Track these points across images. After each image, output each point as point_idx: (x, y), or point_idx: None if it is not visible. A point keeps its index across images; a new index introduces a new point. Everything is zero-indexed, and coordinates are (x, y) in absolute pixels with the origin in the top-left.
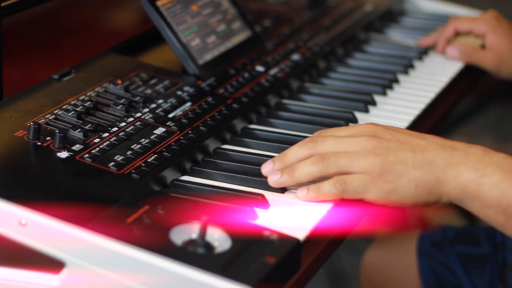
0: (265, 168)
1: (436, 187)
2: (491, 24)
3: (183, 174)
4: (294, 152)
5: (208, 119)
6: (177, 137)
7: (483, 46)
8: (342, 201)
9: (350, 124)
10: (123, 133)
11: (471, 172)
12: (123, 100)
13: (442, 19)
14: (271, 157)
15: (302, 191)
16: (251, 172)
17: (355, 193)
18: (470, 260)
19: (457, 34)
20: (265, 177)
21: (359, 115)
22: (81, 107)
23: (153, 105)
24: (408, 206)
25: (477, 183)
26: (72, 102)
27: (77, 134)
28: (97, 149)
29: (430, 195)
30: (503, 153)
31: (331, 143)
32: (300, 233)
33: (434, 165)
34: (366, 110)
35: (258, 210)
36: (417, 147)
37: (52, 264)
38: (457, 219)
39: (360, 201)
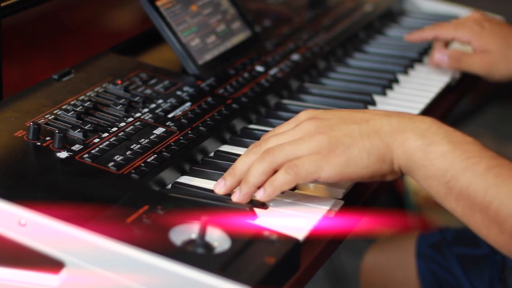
0: (218, 187)
1: (387, 154)
2: (473, 31)
3: (183, 174)
4: (241, 163)
5: (208, 119)
6: (176, 137)
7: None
8: (343, 199)
9: None
10: (123, 133)
11: (419, 138)
12: (123, 100)
13: (442, 19)
14: None
15: (259, 192)
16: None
17: (309, 174)
18: (469, 261)
19: (444, 43)
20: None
21: None
22: (81, 107)
23: (153, 105)
24: (364, 179)
25: (424, 150)
26: (72, 102)
27: (77, 134)
28: (97, 149)
29: (383, 163)
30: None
31: (273, 140)
32: (300, 233)
33: (381, 132)
34: None
35: (257, 210)
36: (360, 119)
37: (51, 264)
38: (455, 220)
39: (360, 201)
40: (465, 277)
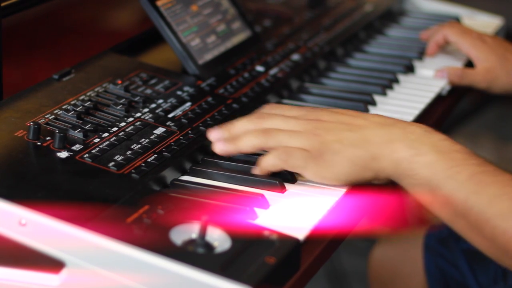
0: (212, 134)
1: (372, 164)
2: (475, 43)
3: (183, 174)
4: (241, 124)
5: (208, 119)
6: (177, 137)
7: (466, 65)
8: (342, 201)
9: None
10: (123, 133)
11: (406, 149)
12: (123, 100)
13: (442, 19)
14: None
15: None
16: (251, 172)
17: (295, 167)
18: (475, 257)
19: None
20: (265, 177)
21: None
22: (81, 107)
23: (153, 105)
24: (345, 184)
25: (410, 161)
26: (72, 102)
27: (77, 134)
28: (97, 149)
29: (366, 171)
30: (444, 135)
31: (277, 121)
32: (300, 233)
33: (371, 143)
34: (366, 110)
35: (258, 210)
36: (356, 126)
37: (52, 264)
38: None
39: (360, 200)
40: (471, 272)
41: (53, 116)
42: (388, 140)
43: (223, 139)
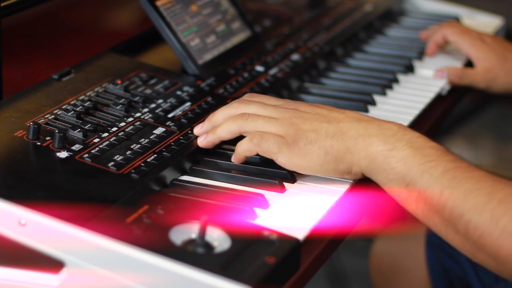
0: (196, 129)
1: (346, 156)
2: (474, 43)
3: (183, 174)
4: (221, 113)
5: None
6: (176, 137)
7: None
8: (341, 201)
9: None
10: (123, 133)
11: (382, 144)
12: (123, 100)
13: (442, 19)
14: None
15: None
16: (251, 172)
17: (269, 152)
18: None
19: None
20: (265, 177)
21: None
22: (81, 107)
23: (153, 105)
24: (319, 174)
25: (385, 155)
26: (72, 102)
27: (77, 134)
28: (97, 149)
29: (339, 163)
30: (419, 133)
31: (255, 107)
32: (300, 233)
33: (346, 135)
34: (366, 110)
35: (257, 210)
36: (334, 119)
37: (51, 264)
38: None
39: (359, 200)
40: (473, 269)
41: (52, 116)
42: (364, 134)
43: (206, 131)
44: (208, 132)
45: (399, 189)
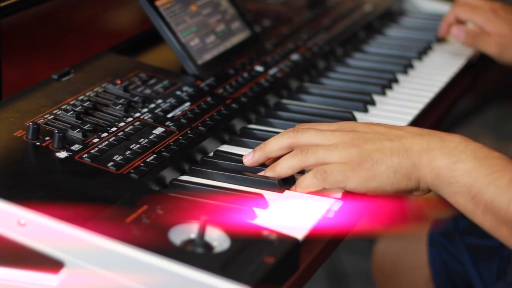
0: (246, 158)
1: (413, 173)
2: (487, 16)
3: (182, 174)
4: (275, 141)
5: (207, 119)
6: (176, 137)
7: None
8: (342, 199)
9: None
10: (122, 133)
11: (446, 157)
12: (122, 100)
13: (442, 19)
14: None
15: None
16: (250, 172)
17: (336, 182)
18: (479, 252)
19: (460, 21)
20: (264, 177)
21: (358, 115)
22: (80, 107)
23: (152, 105)
24: (389, 194)
25: (450, 168)
26: (71, 102)
27: (76, 134)
28: (96, 149)
29: (409, 181)
30: (481, 143)
31: (312, 134)
32: (299, 233)
33: (410, 151)
34: (366, 110)
35: (257, 210)
36: (395, 136)
37: (51, 264)
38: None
39: (359, 200)
40: (474, 267)
41: (52, 116)
42: (427, 148)
43: (258, 161)
44: (266, 170)
45: (465, 202)
